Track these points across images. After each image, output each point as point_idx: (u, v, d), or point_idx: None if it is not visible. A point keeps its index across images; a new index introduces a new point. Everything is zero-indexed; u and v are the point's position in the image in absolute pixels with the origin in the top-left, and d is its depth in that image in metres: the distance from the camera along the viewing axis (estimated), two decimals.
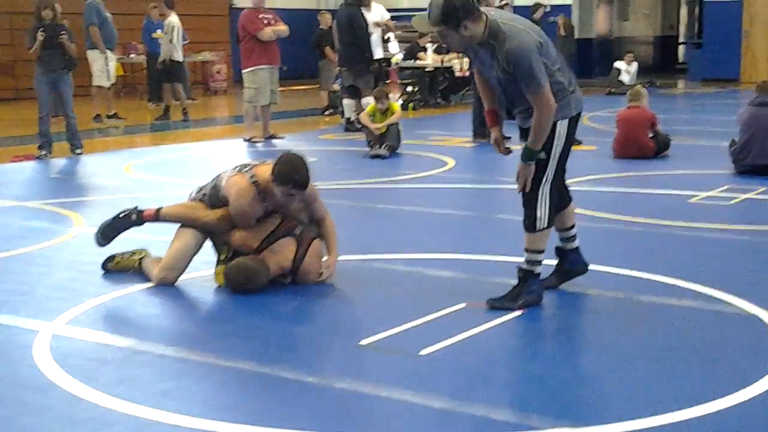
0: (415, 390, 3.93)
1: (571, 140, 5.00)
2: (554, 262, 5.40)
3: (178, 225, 5.75)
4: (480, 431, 3.62)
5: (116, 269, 5.85)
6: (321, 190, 5.82)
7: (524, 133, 5.00)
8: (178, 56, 15.61)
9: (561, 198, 5.18)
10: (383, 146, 11.18)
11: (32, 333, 4.73)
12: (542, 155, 4.88)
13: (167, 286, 5.59)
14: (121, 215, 5.84)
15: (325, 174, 9.70)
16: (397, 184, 9.39)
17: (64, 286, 5.66)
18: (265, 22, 12.34)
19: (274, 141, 12.69)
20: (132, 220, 5.82)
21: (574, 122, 4.98)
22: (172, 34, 15.43)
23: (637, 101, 10.70)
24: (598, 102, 17.63)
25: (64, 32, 11.34)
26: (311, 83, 19.33)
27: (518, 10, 19.97)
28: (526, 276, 5.05)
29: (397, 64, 17.85)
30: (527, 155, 4.88)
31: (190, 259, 5.67)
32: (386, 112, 11.50)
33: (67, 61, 11.41)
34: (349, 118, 13.81)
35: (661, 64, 29.04)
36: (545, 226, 4.99)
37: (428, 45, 17.97)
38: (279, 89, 12.76)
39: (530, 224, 5.00)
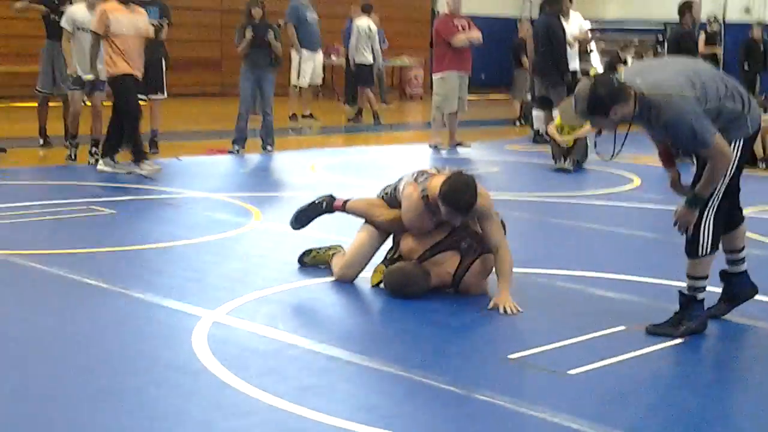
0: (556, 409, 3.84)
1: (743, 159, 4.78)
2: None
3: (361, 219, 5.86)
4: None
5: (312, 263, 6.01)
6: (498, 201, 5.67)
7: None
8: (364, 59, 15.84)
9: (731, 218, 4.93)
10: (568, 160, 11.00)
11: (195, 318, 4.93)
12: None
13: (342, 283, 5.70)
14: (315, 202, 6.01)
15: (505, 185, 9.66)
16: (578, 199, 9.20)
17: (234, 276, 5.86)
18: (459, 28, 12.39)
19: (459, 149, 12.70)
20: (322, 208, 5.99)
21: (748, 141, 4.76)
22: (356, 37, 15.74)
23: None
24: None
25: (271, 31, 11.68)
26: (506, 92, 19.24)
27: (729, 28, 19.25)
28: (688, 302, 4.83)
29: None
30: (694, 201, 4.69)
31: (370, 257, 5.77)
32: (576, 125, 11.29)
33: (273, 59, 11.77)
34: (538, 130, 13.65)
35: None
36: (709, 251, 4.77)
37: (629, 57, 17.56)
38: (471, 97, 12.74)
39: (693, 250, 4.78)
